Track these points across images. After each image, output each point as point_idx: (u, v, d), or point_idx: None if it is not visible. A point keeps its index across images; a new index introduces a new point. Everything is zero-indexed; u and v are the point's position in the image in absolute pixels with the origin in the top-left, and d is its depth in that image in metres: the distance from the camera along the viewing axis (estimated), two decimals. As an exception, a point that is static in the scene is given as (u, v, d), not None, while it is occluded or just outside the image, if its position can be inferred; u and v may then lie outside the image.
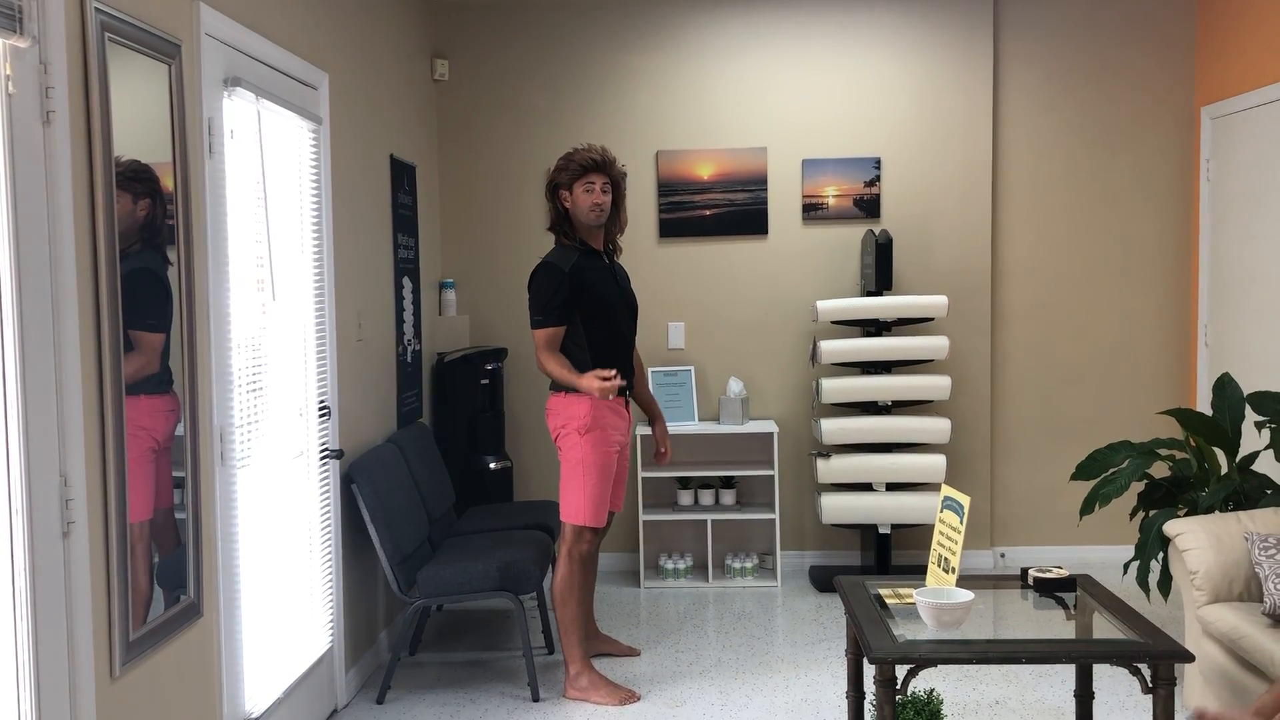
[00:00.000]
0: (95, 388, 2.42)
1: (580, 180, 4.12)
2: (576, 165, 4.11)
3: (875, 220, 5.74)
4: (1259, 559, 3.40)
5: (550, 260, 4.12)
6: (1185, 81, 5.72)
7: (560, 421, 4.13)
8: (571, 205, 4.14)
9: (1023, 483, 5.86)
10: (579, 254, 4.14)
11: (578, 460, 4.10)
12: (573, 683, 4.11)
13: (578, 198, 4.12)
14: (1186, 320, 5.78)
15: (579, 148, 4.18)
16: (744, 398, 5.61)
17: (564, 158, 4.17)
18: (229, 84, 3.15)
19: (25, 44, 2.17)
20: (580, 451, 4.09)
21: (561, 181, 4.15)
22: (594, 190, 4.12)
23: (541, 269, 4.11)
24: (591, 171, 4.11)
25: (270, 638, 3.42)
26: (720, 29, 5.74)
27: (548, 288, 4.07)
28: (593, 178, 4.12)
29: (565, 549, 4.12)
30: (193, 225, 2.90)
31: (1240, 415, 4.13)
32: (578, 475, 4.10)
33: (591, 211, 4.12)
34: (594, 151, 4.14)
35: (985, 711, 3.93)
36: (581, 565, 4.12)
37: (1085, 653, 2.96)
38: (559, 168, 4.16)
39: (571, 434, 4.10)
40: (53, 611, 2.27)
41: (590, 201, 4.11)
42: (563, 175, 4.14)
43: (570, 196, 4.14)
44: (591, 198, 4.11)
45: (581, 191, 4.11)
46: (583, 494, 4.10)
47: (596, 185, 4.12)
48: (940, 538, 3.19)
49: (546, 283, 4.08)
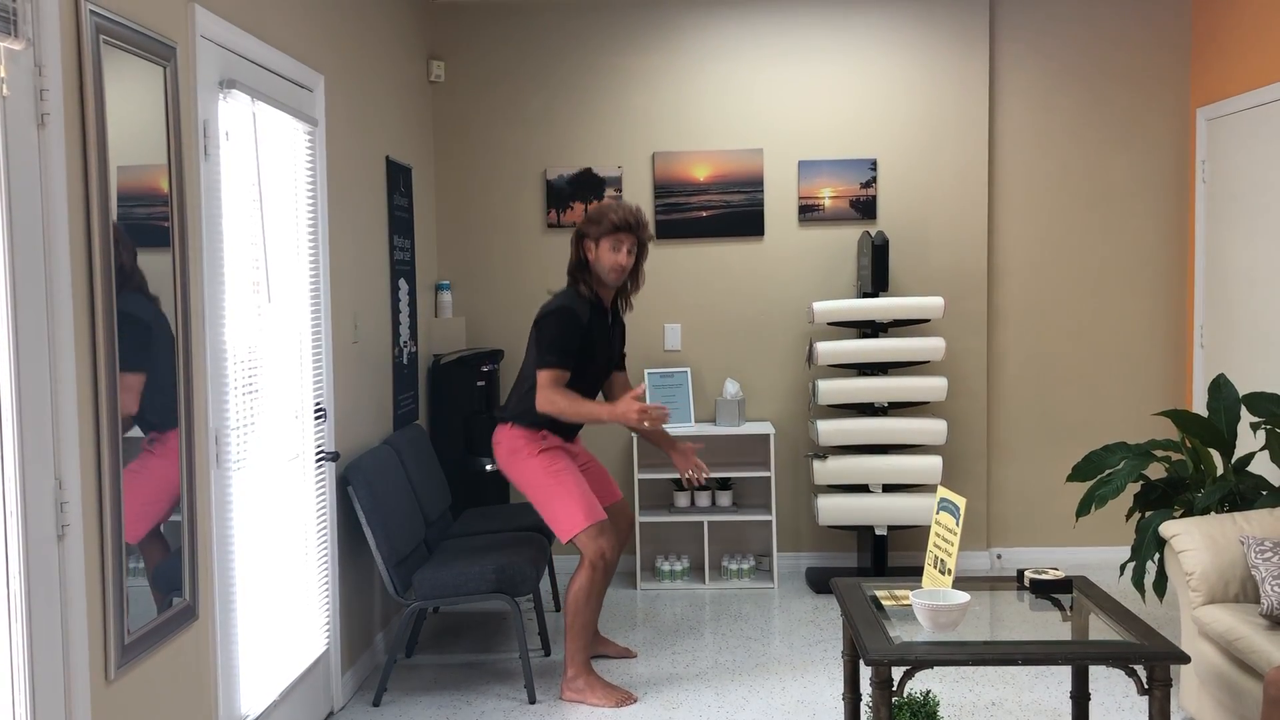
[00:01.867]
0: (90, 391, 2.42)
1: (609, 237, 4.12)
2: (610, 223, 4.11)
3: (871, 221, 5.74)
4: (1255, 562, 3.40)
5: (570, 306, 4.10)
6: (1180, 83, 5.73)
7: (511, 448, 4.14)
8: (595, 258, 4.15)
9: (1019, 484, 5.87)
10: (590, 306, 4.16)
11: (542, 474, 4.10)
12: (569, 684, 4.11)
13: (603, 253, 4.13)
14: (1182, 321, 5.79)
15: (615, 204, 4.18)
16: (740, 399, 5.61)
17: (598, 210, 4.16)
18: (224, 86, 3.15)
19: (20, 46, 2.17)
20: (540, 465, 4.11)
21: (590, 233, 4.15)
22: (620, 251, 4.13)
23: (564, 314, 4.08)
24: (623, 231, 4.12)
25: (266, 640, 3.42)
26: (716, 30, 5.75)
27: (568, 333, 4.06)
28: (622, 238, 4.13)
29: (587, 560, 4.07)
30: (188, 228, 2.90)
31: (1236, 416, 4.14)
32: (551, 487, 4.09)
33: (613, 271, 4.14)
34: (630, 213, 4.14)
35: (982, 713, 3.93)
36: (604, 575, 4.11)
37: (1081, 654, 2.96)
38: (592, 219, 4.16)
39: (526, 459, 4.11)
40: (48, 615, 2.26)
41: (614, 261, 4.13)
42: (593, 228, 4.14)
43: (595, 249, 4.14)
44: (617, 258, 4.13)
45: (608, 249, 4.13)
46: (566, 500, 4.08)
47: (624, 246, 4.14)
48: (936, 539, 3.19)
49: (568, 329, 4.07)
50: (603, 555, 4.07)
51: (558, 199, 5.80)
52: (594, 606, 4.12)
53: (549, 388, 4.03)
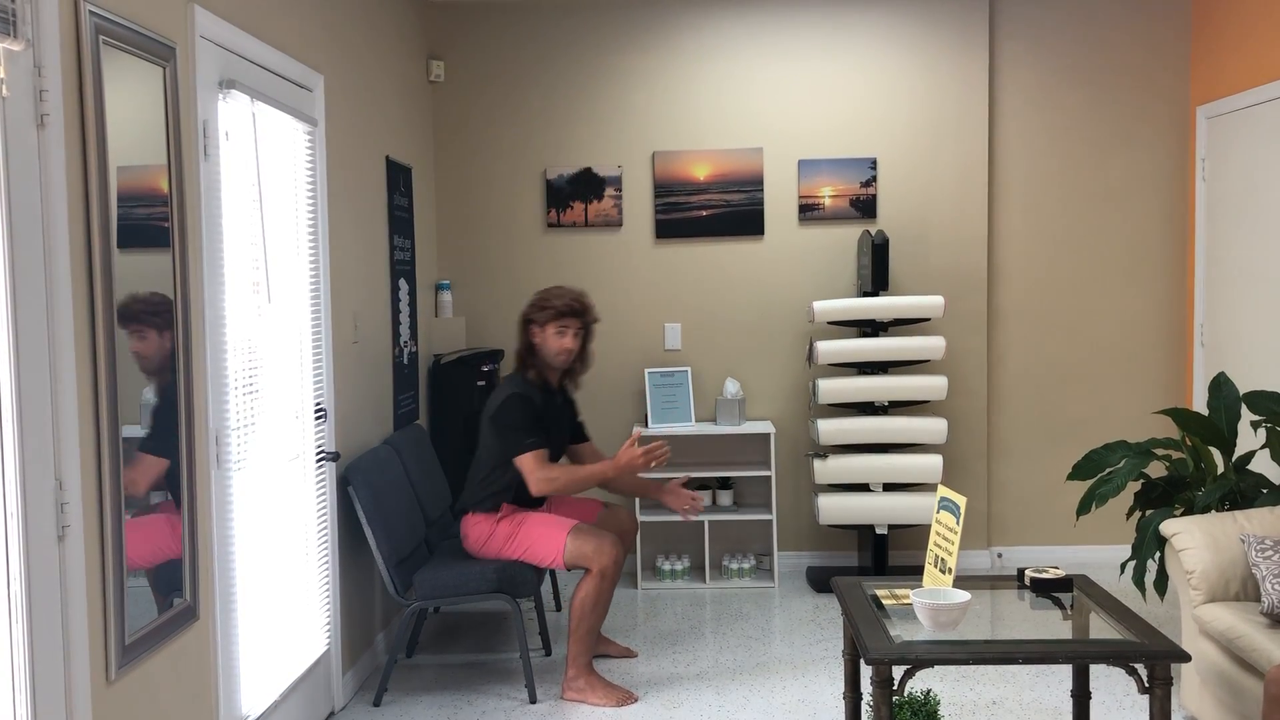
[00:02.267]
0: (90, 392, 2.42)
1: (555, 322, 4.20)
2: (555, 309, 4.19)
3: (871, 220, 5.74)
4: (1256, 560, 3.40)
5: (519, 392, 4.17)
6: (1180, 81, 5.72)
7: (477, 536, 4.21)
8: (540, 342, 4.22)
9: (1019, 483, 5.87)
10: (538, 390, 4.23)
11: (505, 536, 4.17)
12: (570, 684, 4.11)
13: (548, 338, 4.21)
14: (1182, 320, 5.79)
15: (559, 290, 4.25)
16: (741, 399, 5.61)
17: (543, 296, 4.24)
18: (224, 86, 3.14)
19: (19, 47, 2.17)
20: (503, 531, 4.18)
21: (536, 319, 4.22)
22: (566, 335, 4.22)
23: (517, 399, 4.15)
24: (568, 316, 4.20)
25: (267, 640, 3.42)
26: (716, 30, 5.75)
27: (528, 414, 4.14)
28: (568, 322, 4.21)
29: (595, 569, 4.08)
30: (188, 228, 2.90)
31: (1236, 415, 4.13)
32: (517, 538, 4.16)
33: (560, 355, 4.22)
34: (575, 298, 4.23)
35: (982, 712, 3.93)
36: (611, 583, 4.12)
37: (1082, 653, 2.96)
38: (537, 305, 4.23)
39: (490, 538, 4.18)
40: (48, 615, 2.26)
41: (560, 345, 4.21)
42: (540, 314, 4.22)
43: (541, 334, 4.21)
44: (563, 341, 4.21)
45: (553, 334, 4.20)
46: (534, 535, 4.14)
47: (570, 331, 4.22)
48: (937, 538, 3.19)
49: (526, 410, 4.14)
50: (614, 560, 4.08)
51: (558, 198, 5.79)
52: (599, 613, 4.12)
53: (539, 469, 4.10)
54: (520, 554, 4.17)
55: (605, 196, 5.78)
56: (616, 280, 5.82)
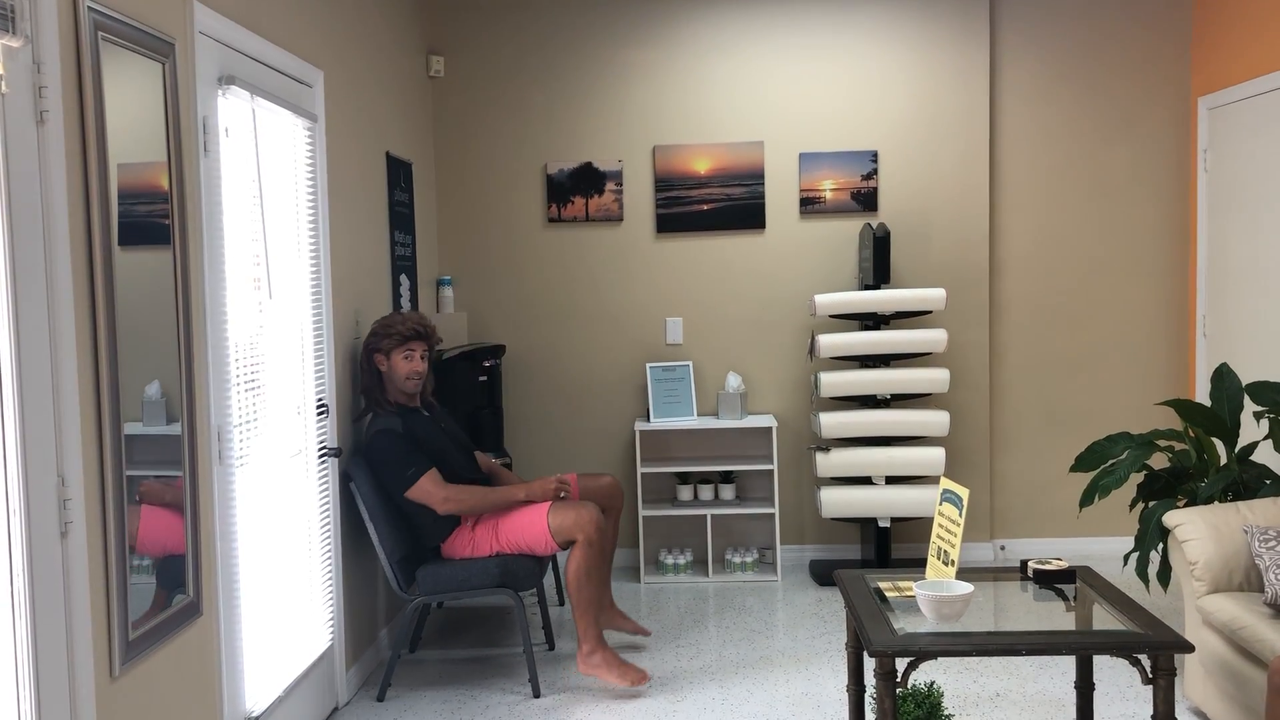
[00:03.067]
0: (92, 388, 2.42)
1: (400, 348, 4.19)
2: (398, 334, 4.18)
3: (873, 214, 5.74)
4: (1259, 551, 3.40)
5: (384, 428, 4.13)
6: (1182, 72, 5.71)
7: (465, 544, 4.21)
8: (388, 370, 4.21)
9: (1022, 475, 5.86)
10: (399, 416, 4.20)
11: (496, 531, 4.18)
12: (586, 659, 4.12)
13: (396, 364, 4.19)
14: (1185, 311, 5.78)
15: (399, 316, 4.23)
16: (742, 392, 5.61)
17: (384, 323, 4.21)
18: (224, 82, 3.14)
19: (18, 44, 2.17)
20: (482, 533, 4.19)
21: (381, 347, 4.20)
22: (414, 358, 4.21)
23: (381, 435, 4.11)
24: (412, 340, 4.20)
25: (270, 636, 3.42)
26: (716, 23, 5.74)
27: (401, 444, 4.11)
28: (413, 345, 4.21)
29: (581, 537, 4.11)
30: (188, 224, 2.90)
31: (1239, 405, 4.13)
32: (503, 531, 4.17)
33: (409, 379, 4.21)
34: (416, 321, 4.23)
35: (986, 703, 3.93)
36: (599, 550, 4.13)
37: (1085, 644, 2.96)
38: (378, 333, 4.20)
39: (479, 541, 4.19)
40: (51, 612, 2.26)
41: (410, 369, 4.20)
42: (384, 342, 4.19)
43: (387, 361, 4.20)
44: (411, 365, 4.20)
45: (401, 359, 4.19)
46: (515, 520, 4.16)
47: (416, 353, 4.22)
48: (939, 530, 3.18)
49: (396, 441, 4.11)
50: (595, 526, 4.10)
51: (558, 193, 5.79)
52: (595, 582, 4.14)
53: (438, 490, 4.09)
54: (507, 543, 4.18)
55: (606, 191, 5.77)
56: (617, 275, 5.82)
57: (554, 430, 5.87)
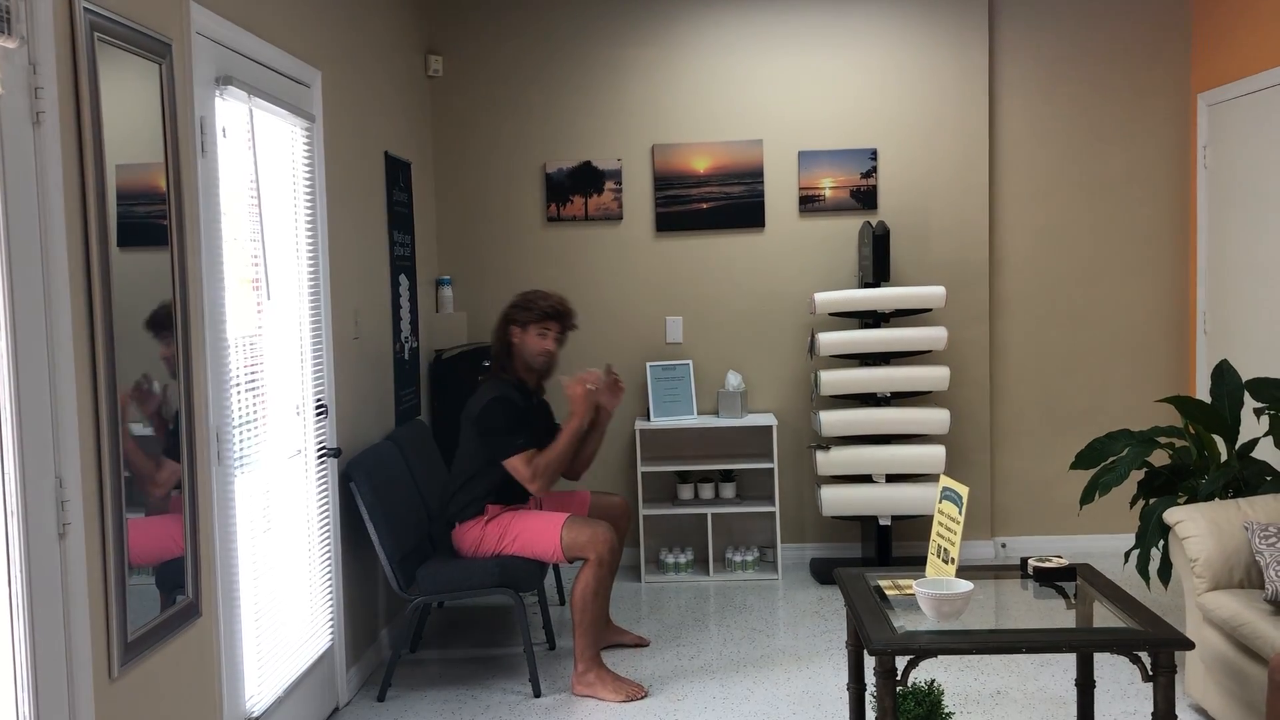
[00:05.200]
0: (89, 389, 2.41)
1: (538, 324, 4.22)
2: (540, 310, 4.21)
3: (872, 211, 5.73)
4: (1260, 547, 3.40)
5: (503, 395, 4.17)
6: (1181, 68, 5.71)
7: (471, 542, 4.20)
8: (520, 343, 4.24)
9: (1022, 472, 5.86)
10: (515, 391, 4.23)
11: (497, 537, 4.16)
12: (580, 678, 4.10)
13: (530, 339, 4.23)
14: (1185, 308, 5.78)
15: (542, 293, 4.26)
16: (742, 391, 5.61)
17: (527, 297, 4.25)
18: (221, 83, 3.14)
19: (14, 45, 2.16)
20: (493, 532, 4.17)
21: (518, 319, 4.23)
22: (548, 337, 4.24)
23: (502, 402, 4.15)
24: (552, 319, 4.23)
25: (270, 637, 3.42)
26: (715, 21, 5.73)
27: (513, 415, 4.14)
28: (549, 325, 4.23)
29: (593, 557, 4.09)
30: (186, 225, 2.89)
31: (1239, 402, 4.13)
32: (513, 535, 4.15)
33: (539, 357, 4.25)
34: (558, 301, 4.25)
35: (986, 701, 3.93)
36: (609, 570, 4.12)
37: (1086, 642, 2.96)
38: (521, 305, 4.24)
39: (487, 539, 4.18)
40: (50, 613, 2.26)
41: (542, 347, 4.24)
42: (522, 314, 4.23)
43: (521, 334, 4.23)
44: (543, 343, 4.24)
45: (535, 335, 4.23)
46: (527, 529, 4.14)
47: (551, 333, 4.24)
48: (939, 528, 3.18)
49: (510, 413, 4.14)
50: (609, 548, 4.08)
51: (557, 192, 5.79)
52: (601, 602, 4.13)
53: (528, 466, 4.10)
54: (515, 549, 4.17)
55: (605, 190, 5.77)
56: (617, 274, 5.81)
57: (554, 429, 5.86)
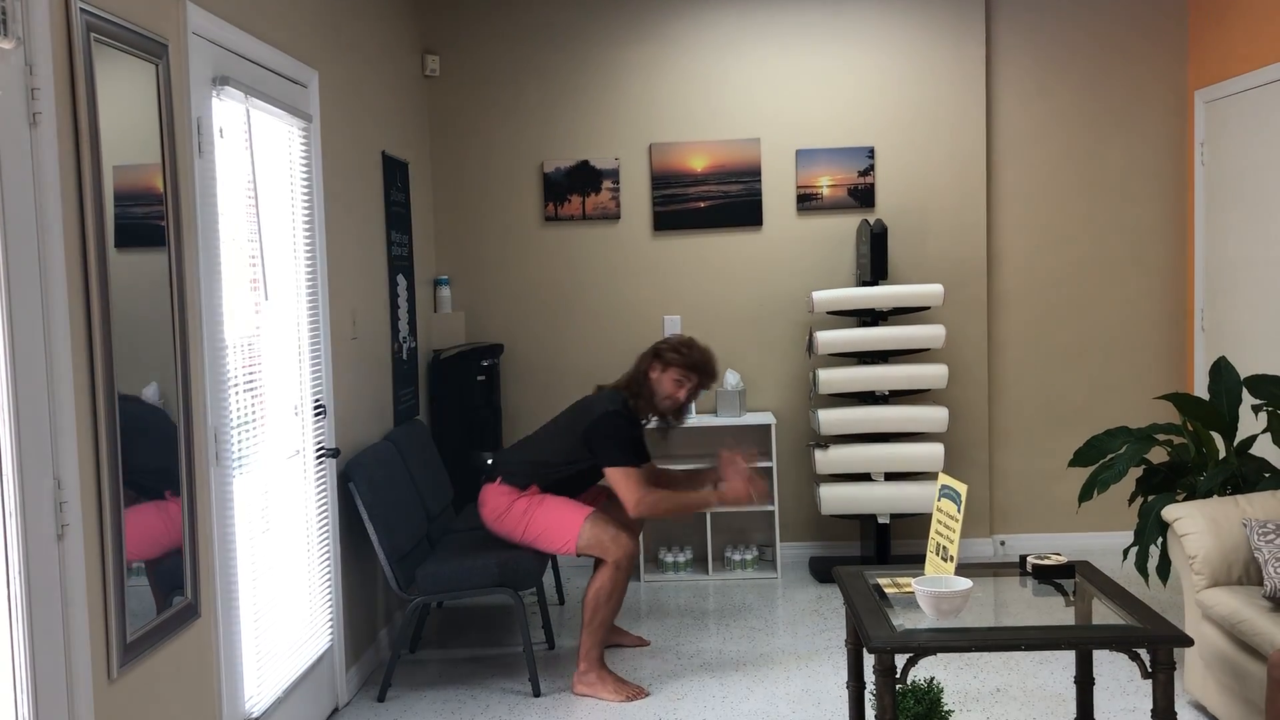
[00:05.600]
0: (87, 389, 2.41)
1: (680, 371, 4.22)
2: (688, 358, 4.22)
3: (870, 210, 5.73)
4: (1258, 544, 3.40)
5: (621, 412, 4.19)
6: (1179, 65, 5.71)
7: (494, 508, 4.19)
8: (655, 380, 4.24)
9: (1021, 470, 5.86)
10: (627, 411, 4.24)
11: (521, 514, 4.16)
12: (581, 678, 4.10)
13: (665, 381, 4.24)
14: (1183, 305, 5.78)
15: (699, 345, 4.27)
16: (741, 390, 5.61)
17: (684, 342, 4.26)
18: (217, 83, 3.14)
19: (10, 45, 2.16)
20: (520, 508, 4.17)
21: (664, 357, 4.23)
22: (683, 387, 4.24)
23: (620, 419, 4.17)
24: (694, 371, 4.23)
25: (269, 637, 3.42)
26: (712, 20, 5.73)
27: (627, 436, 4.16)
28: (691, 376, 4.23)
29: (612, 559, 4.08)
30: (183, 226, 2.89)
31: (1237, 399, 4.13)
32: (534, 517, 4.14)
33: (666, 401, 4.27)
34: (709, 358, 4.26)
35: (986, 699, 3.93)
36: (626, 574, 4.12)
37: (1085, 639, 2.96)
38: (676, 348, 4.24)
39: (512, 511, 4.17)
40: (49, 614, 2.26)
41: (675, 394, 4.25)
42: (671, 355, 4.23)
43: (660, 373, 4.24)
44: (678, 391, 4.25)
45: (672, 380, 4.23)
46: (550, 517, 4.13)
47: (687, 385, 4.25)
48: (938, 526, 3.18)
49: (623, 430, 4.16)
50: (627, 554, 4.08)
51: (555, 191, 5.78)
52: (614, 605, 4.12)
53: (639, 490, 4.09)
54: (533, 536, 4.14)
55: (603, 189, 5.77)
56: (615, 273, 5.81)
57: (553, 429, 5.86)
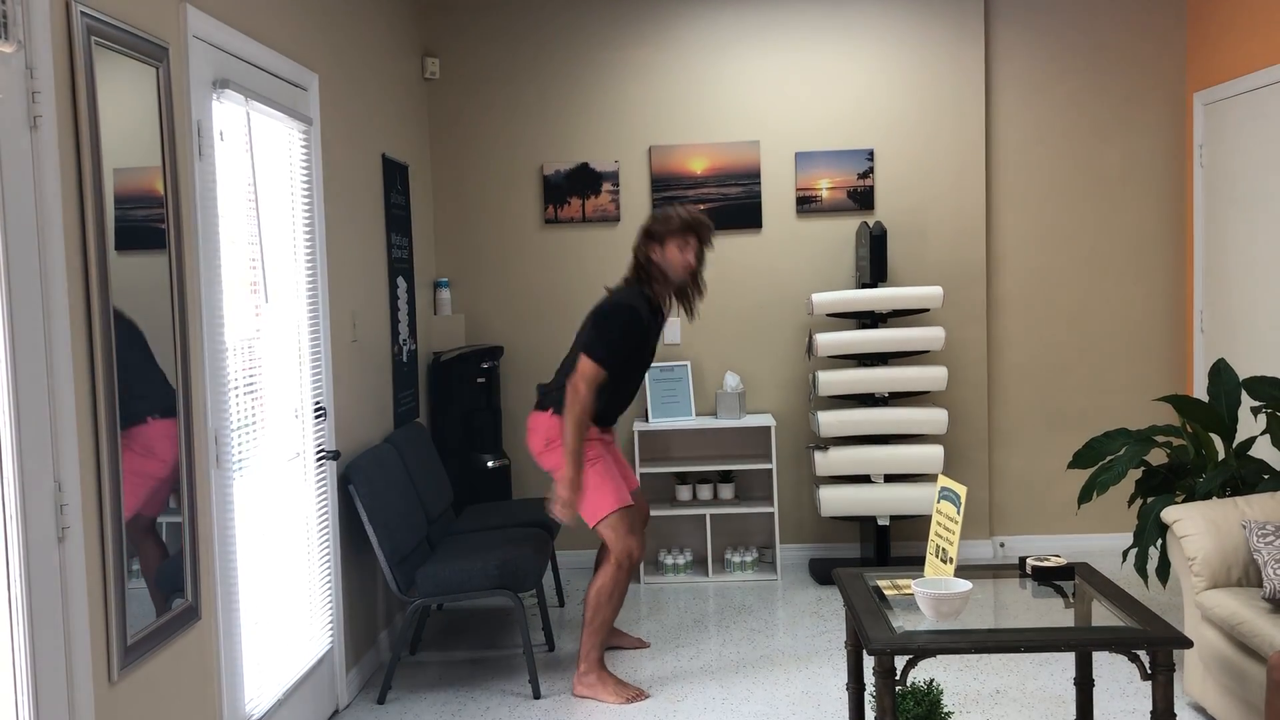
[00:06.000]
0: (88, 392, 2.42)
1: (678, 238, 4.17)
2: (681, 222, 4.16)
3: (869, 212, 5.74)
4: (1257, 546, 3.40)
5: (635, 306, 4.11)
6: (1177, 67, 5.71)
7: (548, 438, 4.14)
8: (660, 258, 4.18)
9: (1020, 472, 5.86)
10: (646, 306, 4.17)
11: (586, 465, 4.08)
12: (581, 679, 4.10)
13: (670, 254, 4.17)
14: (1182, 306, 5.78)
15: (678, 207, 4.21)
16: (741, 392, 5.61)
17: (664, 213, 4.20)
18: (218, 86, 3.14)
19: (10, 49, 2.17)
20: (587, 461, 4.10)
21: (658, 234, 4.18)
22: (688, 250, 4.19)
23: (629, 314, 4.09)
24: (690, 232, 4.17)
25: (270, 640, 3.42)
26: (711, 22, 5.74)
27: (629, 334, 4.08)
28: (690, 239, 4.18)
29: (613, 557, 4.07)
30: (183, 228, 2.90)
31: (1236, 401, 4.13)
32: (590, 473, 4.08)
33: (683, 269, 4.19)
34: (697, 215, 4.20)
35: (986, 701, 3.93)
36: (628, 573, 4.11)
37: (1084, 641, 2.96)
38: (661, 219, 4.19)
39: (556, 451, 4.10)
40: (49, 617, 2.26)
41: (684, 260, 4.18)
42: (663, 227, 4.18)
43: (660, 250, 4.18)
44: (685, 257, 4.18)
45: (675, 249, 4.17)
46: (596, 485, 4.08)
47: (691, 246, 4.19)
48: (938, 528, 3.18)
49: (630, 330, 4.08)
50: (629, 554, 4.08)
51: (555, 194, 5.79)
52: (615, 605, 4.12)
53: (587, 380, 4.01)
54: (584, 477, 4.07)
55: (602, 192, 5.77)
56: (614, 276, 5.76)
57: (552, 431, 5.86)
